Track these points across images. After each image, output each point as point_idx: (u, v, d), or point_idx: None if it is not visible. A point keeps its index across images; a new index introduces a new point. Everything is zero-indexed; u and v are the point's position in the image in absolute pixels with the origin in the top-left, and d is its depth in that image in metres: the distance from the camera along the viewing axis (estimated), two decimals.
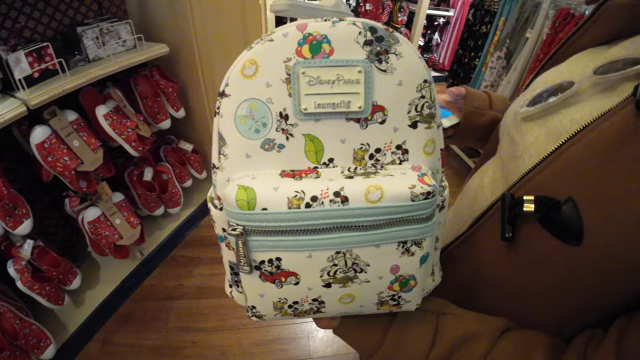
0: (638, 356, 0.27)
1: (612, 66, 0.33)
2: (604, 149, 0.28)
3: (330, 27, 0.27)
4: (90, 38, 1.05)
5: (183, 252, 1.67)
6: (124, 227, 1.22)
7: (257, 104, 0.28)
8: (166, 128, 1.46)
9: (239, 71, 0.28)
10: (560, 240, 0.30)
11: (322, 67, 0.27)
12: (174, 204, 1.59)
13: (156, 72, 1.38)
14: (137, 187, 1.40)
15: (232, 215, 0.28)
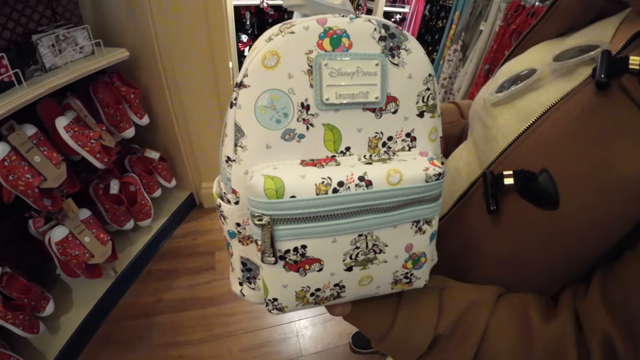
0: (621, 300, 0.32)
1: (568, 53, 0.38)
2: (570, 124, 0.33)
3: (348, 23, 0.29)
4: (46, 46, 0.99)
5: (159, 266, 1.63)
6: (95, 245, 1.17)
7: (279, 95, 0.29)
8: (130, 137, 1.42)
9: (259, 62, 0.28)
10: (539, 207, 0.34)
11: (343, 60, 0.29)
12: (144, 216, 1.54)
13: (116, 78, 1.33)
14: (104, 201, 1.35)
15: (258, 206, 0.28)
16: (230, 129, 0.30)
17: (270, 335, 1.40)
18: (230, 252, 0.37)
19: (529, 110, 0.38)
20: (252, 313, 1.48)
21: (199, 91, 1.61)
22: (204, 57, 1.52)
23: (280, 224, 0.29)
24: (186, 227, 1.88)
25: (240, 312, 1.48)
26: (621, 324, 0.31)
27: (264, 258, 0.30)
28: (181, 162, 1.81)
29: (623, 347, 0.31)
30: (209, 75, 1.58)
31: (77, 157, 1.20)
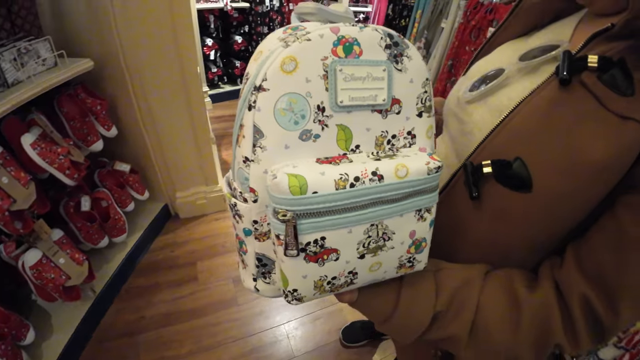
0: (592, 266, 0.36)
1: (532, 53, 0.43)
2: (538, 117, 0.37)
3: (358, 32, 0.32)
4: (7, 60, 0.95)
5: (138, 282, 1.59)
6: (70, 266, 1.13)
7: (297, 98, 0.31)
8: (98, 150, 1.38)
9: (278, 67, 0.30)
10: (515, 191, 0.39)
11: (355, 66, 0.33)
12: (118, 231, 1.50)
13: (81, 90, 1.29)
14: (76, 219, 1.30)
15: (282, 202, 0.30)
16: (248, 131, 0.32)
17: (261, 340, 1.42)
18: (244, 250, 0.39)
19: (500, 106, 0.43)
20: (239, 320, 1.48)
21: (168, 99, 1.59)
22: (172, 64, 1.51)
23: (303, 218, 0.31)
24: (163, 240, 1.84)
25: (227, 320, 1.48)
26: (595, 285, 0.36)
27: (287, 252, 0.31)
28: (153, 173, 1.78)
29: (599, 304, 0.36)
30: (177, 81, 1.56)
31: (45, 175, 1.15)
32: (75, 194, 1.34)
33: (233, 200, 0.36)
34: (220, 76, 3.41)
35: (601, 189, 0.36)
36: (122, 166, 1.58)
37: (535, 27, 0.50)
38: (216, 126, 3.04)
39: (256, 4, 3.16)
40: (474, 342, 0.41)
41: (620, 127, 0.33)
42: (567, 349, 0.38)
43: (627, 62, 0.34)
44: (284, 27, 0.37)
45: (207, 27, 3.10)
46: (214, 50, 3.13)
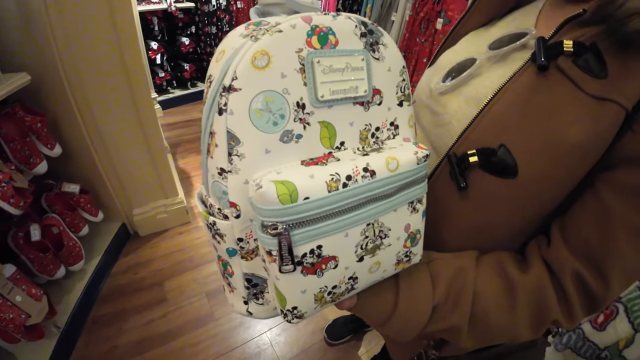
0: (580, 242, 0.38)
1: (501, 41, 0.44)
2: (519, 103, 0.38)
3: (332, 21, 0.31)
4: None
5: (104, 310, 1.50)
6: (29, 303, 1.05)
7: (273, 96, 0.29)
8: (43, 172, 1.28)
9: (249, 63, 0.28)
10: (501, 178, 0.39)
11: (333, 57, 0.31)
12: (74, 259, 1.41)
13: (19, 107, 1.19)
14: (27, 251, 1.20)
15: (271, 214, 0.27)
16: (221, 138, 0.29)
17: (245, 352, 1.41)
18: (230, 272, 0.36)
19: (477, 95, 0.43)
20: (219, 335, 1.46)
21: (115, 110, 1.52)
22: (117, 72, 1.44)
23: (295, 228, 0.28)
24: (125, 262, 1.75)
25: (206, 337, 1.45)
26: (585, 260, 0.38)
27: (282, 268, 0.29)
28: (105, 191, 1.68)
29: (591, 278, 0.37)
30: (124, 91, 1.50)
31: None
32: (23, 223, 1.24)
33: (211, 219, 0.33)
34: (169, 81, 3.29)
35: (583, 168, 0.37)
36: (70, 187, 1.48)
37: (494, 18, 0.52)
38: (169, 134, 2.93)
39: (202, 4, 3.08)
40: (474, 330, 0.42)
41: (597, 108, 0.35)
42: (563, 324, 0.40)
43: (599, 47, 0.36)
44: (245, 24, 0.34)
45: (151, 29, 2.97)
46: (160, 54, 3.00)
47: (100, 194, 1.69)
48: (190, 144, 2.84)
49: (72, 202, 1.48)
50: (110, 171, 1.65)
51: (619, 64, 0.35)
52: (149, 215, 1.87)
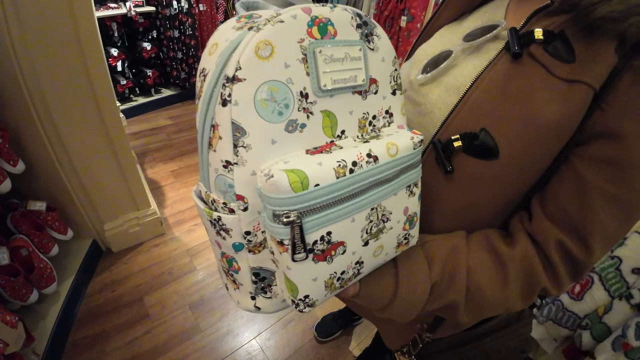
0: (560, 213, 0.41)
1: (474, 33, 0.47)
2: (496, 89, 0.41)
3: (330, 12, 0.32)
4: None
5: (82, 333, 1.43)
6: (5, 331, 0.98)
7: (278, 86, 0.29)
8: (6, 191, 1.20)
9: (252, 53, 0.28)
10: (484, 159, 0.42)
11: (333, 47, 0.32)
12: (47, 281, 1.34)
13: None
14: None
15: (283, 203, 0.28)
16: (225, 130, 0.29)
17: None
18: (236, 268, 0.36)
19: (456, 84, 0.46)
20: (207, 347, 1.44)
21: (79, 121, 1.45)
22: (80, 81, 1.38)
23: (307, 216, 0.29)
24: (100, 280, 1.68)
25: (193, 350, 1.43)
26: (566, 230, 0.41)
27: (295, 256, 0.30)
28: (73, 206, 1.61)
29: (573, 246, 0.41)
30: (88, 101, 1.43)
31: None
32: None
33: (215, 215, 0.33)
34: (132, 88, 3.16)
35: (558, 145, 0.41)
36: (36, 205, 1.40)
37: (466, 11, 0.55)
38: (135, 143, 2.83)
39: (163, 7, 2.99)
40: (470, 305, 0.45)
41: (567, 90, 0.38)
42: (552, 291, 0.44)
43: (566, 34, 0.39)
44: (236, 17, 0.35)
45: (111, 36, 2.85)
46: (120, 61, 2.88)
47: (68, 211, 1.61)
48: (158, 152, 2.76)
49: (39, 221, 1.41)
50: (78, 186, 1.58)
51: (586, 48, 0.38)
52: (121, 230, 1.80)
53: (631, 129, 0.37)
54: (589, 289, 0.94)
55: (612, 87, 0.38)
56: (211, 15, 3.23)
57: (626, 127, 0.37)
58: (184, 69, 3.37)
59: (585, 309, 0.96)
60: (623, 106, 0.38)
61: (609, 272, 0.92)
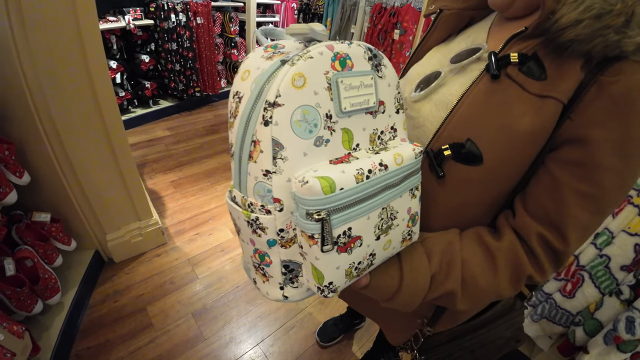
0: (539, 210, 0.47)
1: (460, 56, 0.53)
2: (478, 104, 0.47)
3: (348, 48, 0.38)
4: None
5: (86, 344, 1.43)
6: (12, 341, 0.99)
7: (309, 109, 0.36)
8: (12, 202, 1.22)
9: (289, 83, 0.34)
10: (471, 165, 0.48)
11: (351, 77, 0.38)
12: (51, 292, 1.34)
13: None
14: (3, 286, 1.13)
15: (315, 204, 0.34)
16: (266, 145, 0.35)
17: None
18: (268, 262, 0.42)
19: (444, 101, 0.52)
20: (211, 355, 1.45)
21: (84, 133, 1.47)
22: (85, 95, 1.40)
23: (333, 214, 0.35)
24: (102, 291, 1.68)
25: (197, 358, 1.43)
26: (545, 224, 0.47)
27: (323, 247, 0.36)
28: (77, 218, 1.61)
29: (552, 237, 0.46)
30: (92, 114, 1.46)
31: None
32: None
33: (254, 215, 0.39)
34: (130, 100, 3.19)
35: (534, 150, 0.46)
36: (41, 216, 1.41)
37: (451, 34, 0.62)
38: (134, 154, 2.81)
39: (161, 21, 3.03)
40: (466, 292, 0.50)
41: (539, 104, 0.44)
42: (536, 278, 0.49)
43: (539, 55, 0.45)
44: (262, 47, 0.42)
45: (109, 48, 2.88)
46: (119, 73, 2.91)
47: (72, 222, 1.61)
48: (156, 163, 2.76)
49: (43, 232, 1.41)
50: (81, 197, 1.59)
51: (556, 67, 0.44)
52: (123, 240, 1.81)
53: (596, 135, 0.42)
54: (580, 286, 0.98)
55: (580, 99, 0.43)
56: (208, 28, 3.28)
57: (592, 133, 0.43)
58: (182, 80, 3.40)
59: (578, 306, 0.99)
60: (589, 115, 0.43)
61: (598, 270, 0.96)
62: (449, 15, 0.61)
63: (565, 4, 0.41)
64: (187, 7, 3.02)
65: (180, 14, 3.00)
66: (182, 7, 2.99)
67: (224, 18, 3.42)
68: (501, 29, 0.54)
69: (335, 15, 2.53)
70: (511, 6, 0.50)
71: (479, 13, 0.61)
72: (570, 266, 1.01)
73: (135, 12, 2.86)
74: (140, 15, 2.94)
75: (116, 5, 2.91)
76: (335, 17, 2.54)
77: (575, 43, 0.41)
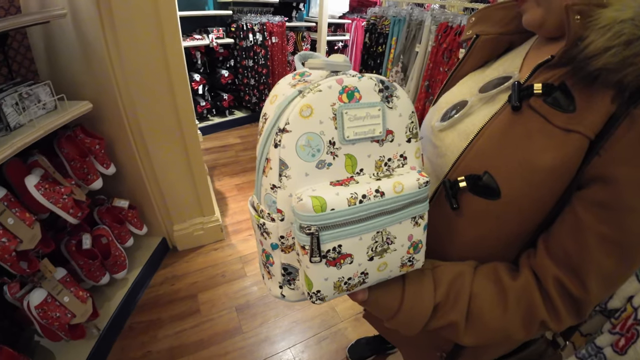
0: (561, 252, 0.42)
1: (490, 84, 0.50)
2: (497, 137, 0.45)
3: (357, 82, 0.39)
4: (9, 105, 0.98)
5: (140, 318, 1.56)
6: (75, 304, 1.12)
7: (313, 136, 0.38)
8: (98, 188, 1.39)
9: (297, 114, 0.37)
10: (487, 199, 0.45)
11: (357, 108, 0.39)
12: (119, 267, 1.49)
13: (80, 131, 1.32)
14: (78, 257, 1.29)
15: (307, 219, 0.36)
16: (274, 164, 0.39)
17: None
18: (271, 262, 0.44)
19: (467, 131, 0.50)
20: (245, 348, 1.46)
21: (163, 135, 1.63)
22: (166, 102, 1.56)
23: (323, 230, 0.37)
24: (162, 274, 1.82)
25: (233, 349, 1.46)
26: (564, 268, 0.42)
27: (312, 259, 0.38)
28: (150, 207, 1.78)
29: (570, 283, 0.41)
30: (172, 118, 1.61)
31: (45, 214, 1.16)
32: (76, 233, 1.34)
33: (262, 221, 0.42)
34: (209, 109, 3.49)
35: (555, 188, 0.42)
36: (120, 202, 1.59)
37: (489, 60, 0.58)
38: (206, 158, 3.07)
39: (240, 39, 3.29)
40: (471, 327, 0.46)
41: (564, 139, 0.40)
42: (550, 325, 0.44)
43: (567, 85, 0.41)
44: (292, 74, 0.45)
45: (194, 63, 3.20)
46: (202, 85, 3.22)
47: (146, 210, 1.79)
48: (225, 167, 2.96)
49: (120, 215, 1.59)
50: (156, 190, 1.76)
51: (586, 98, 0.40)
52: (187, 232, 1.95)
53: (625, 174, 0.38)
54: (633, 342, 0.80)
55: (610, 134, 0.38)
56: (282, 46, 3.47)
57: (620, 173, 0.38)
58: (255, 94, 3.62)
59: None
60: (618, 152, 0.38)
61: None
62: (486, 41, 0.57)
63: (594, 30, 0.37)
64: (263, 27, 3.24)
65: (258, 33, 3.22)
66: (259, 27, 3.21)
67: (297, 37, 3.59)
68: (537, 55, 0.50)
69: (401, 34, 2.48)
70: (543, 25, 0.46)
71: (519, 37, 0.56)
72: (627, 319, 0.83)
73: (218, 32, 3.15)
74: (222, 34, 3.22)
75: (202, 25, 3.22)
76: (400, 36, 2.49)
77: (605, 72, 0.37)
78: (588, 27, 0.38)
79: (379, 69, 2.72)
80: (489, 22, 0.58)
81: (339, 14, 3.84)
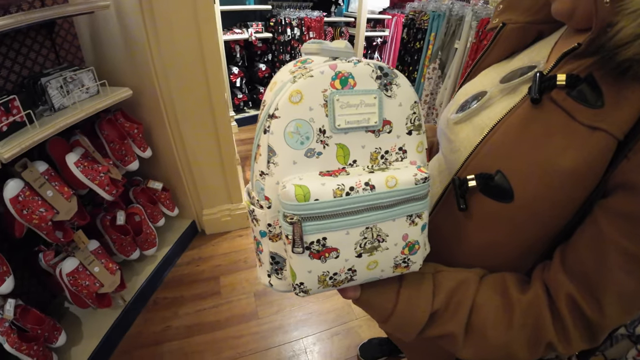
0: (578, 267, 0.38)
1: (513, 74, 0.45)
2: (514, 133, 0.40)
3: (353, 67, 0.36)
4: (54, 88, 1.06)
5: (164, 294, 1.64)
6: (104, 275, 1.19)
7: (302, 123, 0.36)
8: (134, 169, 1.47)
9: (287, 99, 0.35)
10: (499, 201, 0.41)
11: (350, 95, 0.37)
12: (149, 245, 1.57)
13: (120, 115, 1.40)
14: (111, 232, 1.38)
15: (289, 208, 0.34)
16: (264, 150, 0.37)
17: (280, 354, 1.41)
18: (260, 249, 0.43)
19: (482, 125, 0.45)
20: (259, 334, 1.48)
21: (197, 123, 1.68)
22: (201, 92, 1.61)
23: (307, 221, 0.35)
24: (189, 255, 1.90)
25: (247, 333, 1.49)
26: (579, 285, 0.37)
27: (294, 249, 0.36)
28: (182, 191, 1.86)
29: (584, 302, 0.37)
30: (206, 108, 1.66)
31: (85, 190, 1.24)
32: (111, 209, 1.43)
33: (251, 207, 0.41)
34: (246, 101, 3.57)
35: (577, 194, 0.37)
36: (154, 184, 1.67)
37: (515, 51, 0.52)
38: (241, 148, 3.15)
39: (278, 34, 3.32)
40: (471, 340, 0.43)
41: (588, 137, 0.35)
42: (558, 347, 0.39)
43: (595, 77, 0.36)
44: (294, 60, 0.42)
45: (234, 56, 3.29)
46: (239, 78, 3.30)
47: (178, 194, 1.87)
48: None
49: (154, 196, 1.67)
50: (189, 175, 1.83)
51: (615, 93, 0.35)
52: (215, 217, 2.01)
53: None
54: None
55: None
56: None
57: None
58: None
59: None
60: None
61: None
62: (513, 30, 0.52)
63: (624, 16, 0.32)
64: (302, 22, 3.24)
65: (296, 28, 3.23)
66: (297, 22, 3.21)
67: (335, 32, 3.56)
68: (565, 44, 0.43)
69: (440, 29, 2.36)
70: (573, 15, 0.41)
71: (548, 27, 0.49)
72: None
73: (257, 26, 3.20)
74: (261, 28, 3.27)
75: (242, 20, 3.29)
76: (439, 32, 2.37)
77: (636, 64, 0.32)
78: (618, 12, 0.33)
79: (416, 66, 2.62)
80: (517, 10, 0.52)
81: (379, 9, 3.75)
